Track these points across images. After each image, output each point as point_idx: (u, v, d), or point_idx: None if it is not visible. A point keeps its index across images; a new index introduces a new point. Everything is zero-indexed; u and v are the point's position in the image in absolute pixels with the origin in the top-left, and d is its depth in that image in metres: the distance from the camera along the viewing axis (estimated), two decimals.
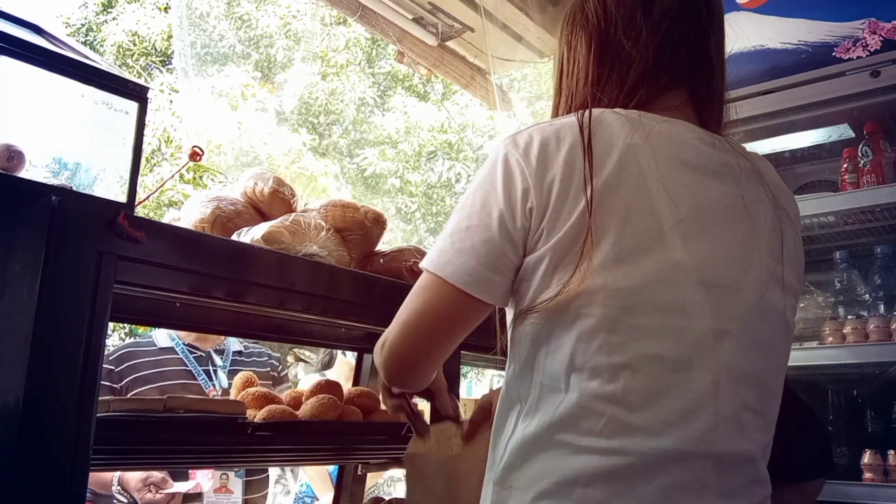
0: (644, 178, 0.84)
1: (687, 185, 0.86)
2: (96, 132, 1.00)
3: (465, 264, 0.83)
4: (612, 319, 0.80)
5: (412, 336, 0.88)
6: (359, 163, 9.88)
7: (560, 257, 0.81)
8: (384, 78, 10.71)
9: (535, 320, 0.84)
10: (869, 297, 2.05)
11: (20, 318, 0.87)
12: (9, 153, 1.01)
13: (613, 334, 0.80)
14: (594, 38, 0.94)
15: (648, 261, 0.81)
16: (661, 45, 0.91)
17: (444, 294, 0.85)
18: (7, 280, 0.92)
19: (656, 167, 0.85)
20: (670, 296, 0.81)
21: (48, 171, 0.99)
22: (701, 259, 0.84)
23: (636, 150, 0.85)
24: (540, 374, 0.83)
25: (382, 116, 10.18)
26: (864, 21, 2.00)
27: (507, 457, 0.83)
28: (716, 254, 0.85)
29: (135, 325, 4.78)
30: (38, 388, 0.84)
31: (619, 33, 0.92)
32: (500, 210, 0.84)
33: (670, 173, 0.85)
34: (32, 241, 0.90)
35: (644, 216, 0.83)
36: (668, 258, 0.82)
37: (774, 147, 2.37)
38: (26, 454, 0.83)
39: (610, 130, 0.86)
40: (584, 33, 0.95)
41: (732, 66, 2.18)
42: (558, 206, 0.82)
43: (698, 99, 0.97)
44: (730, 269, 0.86)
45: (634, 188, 0.83)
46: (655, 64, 0.91)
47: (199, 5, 8.19)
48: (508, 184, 0.84)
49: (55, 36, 1.04)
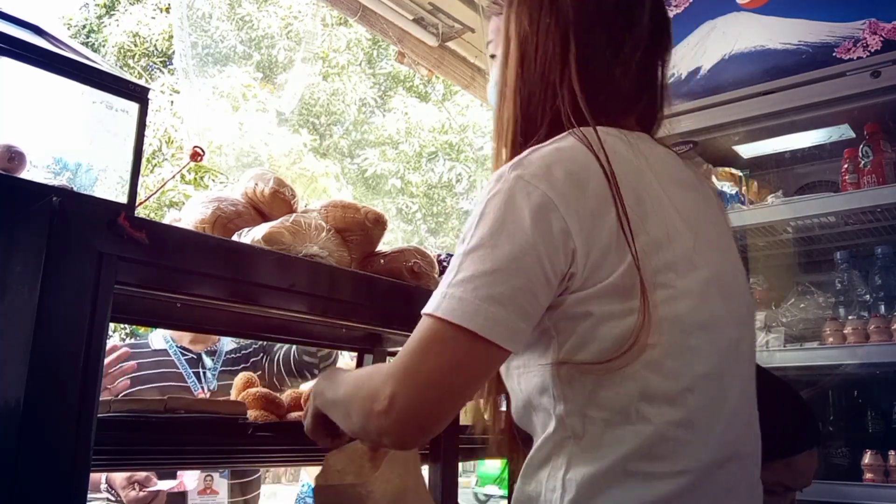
0: (660, 202, 0.84)
1: (684, 201, 0.88)
2: (97, 133, 1.00)
3: (496, 315, 0.75)
4: (673, 345, 0.80)
5: (435, 396, 0.77)
6: (359, 163, 9.88)
7: (610, 301, 0.78)
8: (385, 78, 10.71)
9: (588, 359, 0.80)
10: (869, 297, 2.05)
11: (21, 318, 0.87)
12: (9, 154, 1.01)
13: (675, 360, 0.80)
14: (572, 38, 0.88)
15: (689, 282, 0.82)
16: (637, 70, 0.90)
17: (471, 348, 0.76)
18: (7, 281, 0.92)
19: (661, 188, 0.85)
20: (707, 312, 0.83)
21: (49, 171, 0.99)
22: (715, 271, 0.86)
23: (643, 172, 0.85)
24: (597, 408, 0.80)
25: (383, 117, 10.18)
26: (865, 21, 2.00)
27: (573, 494, 0.79)
28: (722, 263, 0.88)
29: (135, 326, 4.78)
30: (38, 388, 0.84)
31: (602, 41, 0.89)
32: (537, 253, 0.76)
33: (672, 191, 0.87)
34: (33, 241, 0.90)
35: (676, 240, 0.83)
36: (700, 277, 0.83)
37: (775, 147, 2.38)
38: (26, 454, 0.83)
39: (618, 153, 0.83)
40: (556, 28, 0.89)
41: (732, 66, 2.20)
42: (601, 244, 0.78)
43: (646, 121, 0.95)
44: (732, 275, 0.90)
45: (660, 213, 0.83)
46: (626, 89, 0.90)
47: (201, 6, 8.20)
48: (541, 221, 0.77)
49: (56, 37, 1.04)
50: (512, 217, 0.78)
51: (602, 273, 0.78)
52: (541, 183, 0.78)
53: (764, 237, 2.29)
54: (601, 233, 0.78)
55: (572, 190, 0.79)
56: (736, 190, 2.29)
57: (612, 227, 0.78)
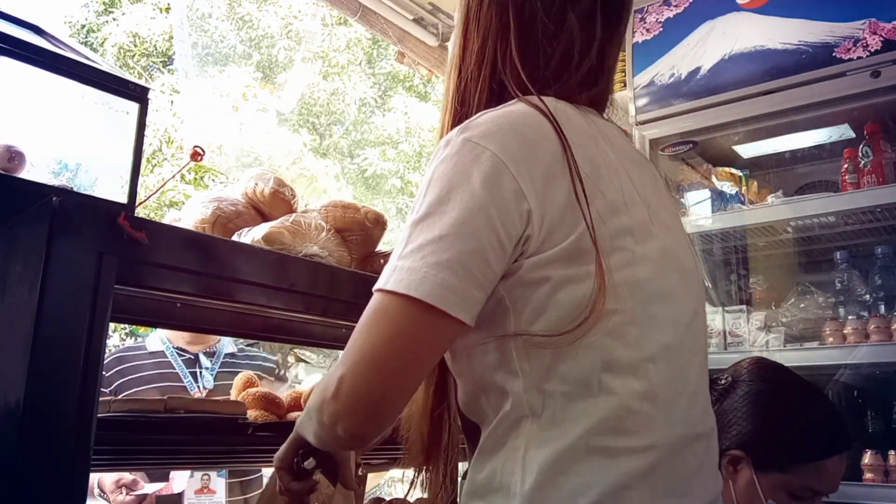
0: (615, 170, 0.82)
1: (638, 174, 0.86)
2: (97, 133, 1.00)
3: (445, 281, 0.71)
4: (634, 312, 0.77)
5: (384, 374, 0.72)
6: (359, 163, 9.87)
7: (567, 265, 0.75)
8: (385, 78, 10.71)
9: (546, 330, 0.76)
10: (869, 297, 2.05)
11: (21, 318, 0.87)
12: (9, 154, 1.01)
13: (637, 327, 0.77)
14: (511, 13, 0.87)
15: (647, 249, 0.80)
16: (582, 48, 0.87)
17: (420, 319, 0.72)
18: (8, 281, 0.92)
19: (615, 157, 0.83)
20: (665, 282, 0.81)
21: (49, 171, 0.99)
22: (669, 245, 0.84)
23: (597, 139, 0.82)
24: (556, 382, 0.75)
25: (383, 117, 10.18)
26: (865, 21, 2.00)
27: (535, 475, 0.74)
28: (674, 239, 0.86)
29: (135, 326, 4.79)
30: (38, 388, 0.84)
31: (543, 17, 0.86)
32: (488, 215, 0.73)
33: (626, 164, 0.84)
34: (33, 241, 0.90)
35: (633, 207, 0.81)
36: (657, 245, 0.81)
37: (775, 147, 2.38)
38: (26, 454, 0.83)
39: (570, 119, 0.81)
40: (496, 3, 0.88)
41: (732, 65, 2.20)
42: (556, 205, 0.75)
43: (596, 99, 0.92)
44: (684, 253, 0.88)
45: (615, 179, 0.80)
46: (575, 65, 0.87)
47: (201, 6, 8.20)
48: (491, 183, 0.74)
49: (56, 36, 1.04)
50: (460, 180, 0.74)
51: (558, 235, 0.75)
52: (490, 144, 0.76)
53: (764, 237, 2.29)
54: (556, 194, 0.75)
55: (523, 151, 0.76)
56: (736, 190, 2.29)
57: (566, 189, 0.76)
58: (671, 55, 2.34)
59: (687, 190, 2.33)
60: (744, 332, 2.10)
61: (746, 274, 2.41)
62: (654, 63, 2.37)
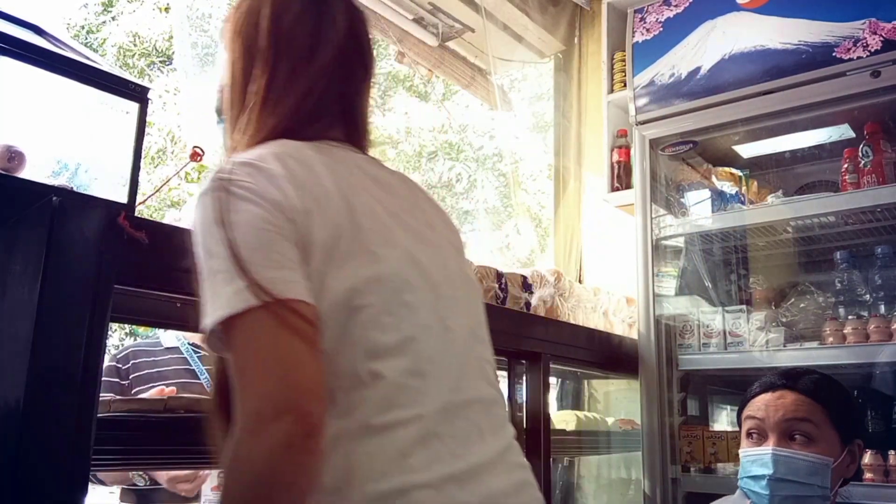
0: (353, 187, 0.91)
1: (385, 196, 0.96)
2: (97, 132, 1.00)
3: (274, 277, 0.78)
4: (386, 302, 0.86)
5: (290, 383, 0.75)
6: None
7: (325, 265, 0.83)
8: (385, 78, 10.71)
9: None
10: (869, 297, 2.05)
11: (21, 318, 0.87)
12: (9, 154, 1.01)
13: (391, 315, 0.86)
14: (270, 67, 0.97)
15: (395, 249, 0.90)
16: (322, 94, 0.98)
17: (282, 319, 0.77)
18: (8, 280, 0.92)
19: (355, 179, 0.93)
20: (418, 274, 0.91)
21: (49, 171, 0.99)
22: (416, 243, 0.94)
23: (331, 167, 0.91)
24: (335, 378, 0.81)
25: (383, 117, 10.18)
26: (865, 21, 2.00)
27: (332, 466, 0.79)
28: (420, 236, 0.96)
29: (135, 326, 4.79)
30: (38, 388, 0.84)
31: (290, 70, 0.97)
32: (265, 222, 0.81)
33: (370, 186, 0.95)
34: (33, 241, 0.90)
35: (371, 217, 0.90)
36: (404, 245, 0.92)
37: (775, 147, 2.38)
38: (26, 454, 0.83)
39: (304, 154, 0.90)
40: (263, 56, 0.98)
41: (732, 66, 2.20)
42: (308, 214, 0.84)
43: (351, 136, 1.03)
44: (443, 247, 1.00)
45: (350, 197, 0.89)
46: (316, 111, 0.98)
47: (201, 6, 8.20)
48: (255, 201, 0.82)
49: (56, 36, 1.04)
50: (229, 208, 0.81)
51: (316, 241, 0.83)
52: (241, 172, 0.84)
53: (764, 237, 2.29)
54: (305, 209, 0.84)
55: (273, 174, 0.85)
56: (736, 190, 2.29)
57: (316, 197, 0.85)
58: (671, 55, 2.34)
59: (687, 190, 2.33)
60: (744, 332, 2.10)
61: (746, 274, 2.41)
62: (654, 63, 2.37)
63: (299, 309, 0.79)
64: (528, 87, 4.98)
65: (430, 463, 0.82)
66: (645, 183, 2.28)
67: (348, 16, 1.03)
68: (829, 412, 1.39)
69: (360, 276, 0.85)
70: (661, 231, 2.26)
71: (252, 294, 0.77)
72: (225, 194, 0.82)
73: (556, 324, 1.97)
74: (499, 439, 0.92)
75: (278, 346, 0.77)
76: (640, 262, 2.23)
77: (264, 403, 0.73)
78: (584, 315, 2.20)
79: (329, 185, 0.88)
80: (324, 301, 0.82)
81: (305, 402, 0.75)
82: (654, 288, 2.20)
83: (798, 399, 1.40)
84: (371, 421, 0.82)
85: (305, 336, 0.78)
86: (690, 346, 2.17)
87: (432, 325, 0.90)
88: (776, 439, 1.39)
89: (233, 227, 0.80)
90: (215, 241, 0.81)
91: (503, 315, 1.75)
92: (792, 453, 1.37)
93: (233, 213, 0.81)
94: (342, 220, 0.87)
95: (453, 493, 0.82)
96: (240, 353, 0.77)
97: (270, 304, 0.77)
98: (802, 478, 1.36)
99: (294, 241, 0.82)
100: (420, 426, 0.83)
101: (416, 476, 0.81)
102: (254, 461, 0.72)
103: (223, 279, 0.78)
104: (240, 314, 0.76)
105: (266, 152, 0.88)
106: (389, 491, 0.79)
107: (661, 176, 2.36)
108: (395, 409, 0.83)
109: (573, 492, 2.56)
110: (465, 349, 0.94)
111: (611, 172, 2.60)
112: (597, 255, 2.89)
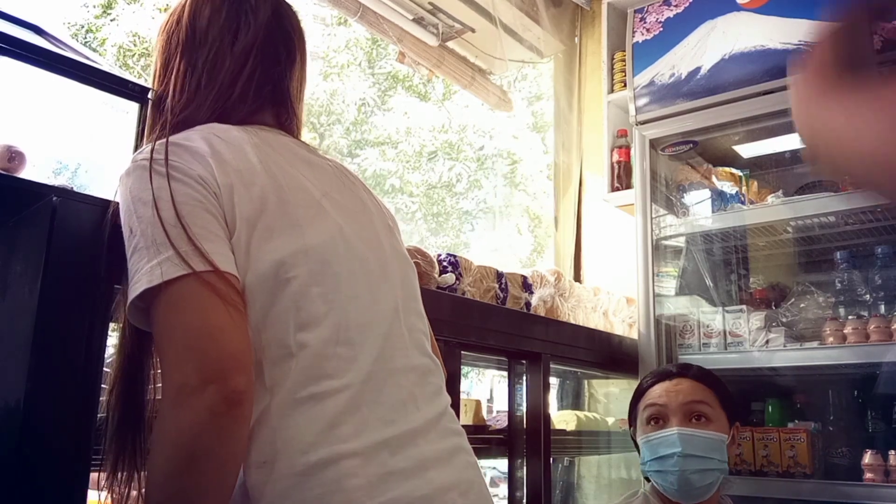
0: (281, 166, 0.93)
1: (312, 173, 0.98)
2: (97, 133, 1.00)
3: (198, 249, 0.79)
4: (313, 274, 0.87)
5: (215, 353, 0.76)
6: (359, 163, 9.87)
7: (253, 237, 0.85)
8: (385, 78, 10.72)
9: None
10: (869, 297, 2.05)
11: (21, 318, 0.87)
12: (10, 153, 1.01)
13: (319, 286, 0.87)
14: (190, 55, 1.00)
15: (323, 223, 0.91)
16: (247, 77, 1.00)
17: (206, 288, 0.78)
18: (8, 280, 0.92)
19: (284, 159, 0.95)
20: (346, 248, 0.92)
21: (49, 171, 0.99)
22: (345, 218, 0.96)
23: (259, 147, 0.93)
24: (263, 350, 0.83)
25: (383, 117, 10.18)
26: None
27: (262, 438, 0.80)
28: (350, 212, 0.98)
29: None
30: (38, 388, 0.84)
31: (211, 56, 1.00)
32: (191, 199, 0.82)
33: (298, 165, 0.96)
34: (33, 241, 0.90)
35: (299, 193, 0.91)
36: (333, 219, 0.93)
37: (775, 147, 2.38)
38: (27, 454, 0.83)
39: (231, 134, 0.92)
40: (182, 48, 1.01)
41: (732, 66, 2.20)
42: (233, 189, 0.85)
43: (282, 120, 1.06)
44: (359, 221, 0.99)
45: (278, 174, 0.91)
46: (242, 94, 0.99)
47: None
48: (181, 178, 0.84)
49: (56, 37, 1.04)
50: (150, 185, 0.83)
51: (240, 215, 0.85)
52: (163, 151, 0.85)
53: (764, 237, 2.29)
54: (230, 187, 0.85)
55: (197, 150, 0.87)
56: (736, 190, 2.29)
57: (239, 171, 0.87)
58: (671, 55, 2.34)
59: (687, 190, 2.33)
60: (744, 332, 2.10)
61: (746, 274, 2.41)
62: (654, 63, 2.37)
63: (224, 278, 0.80)
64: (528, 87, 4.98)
65: (359, 431, 0.82)
66: (645, 183, 2.28)
67: (271, 3, 1.06)
68: (718, 396, 1.59)
69: (287, 248, 0.86)
70: (662, 231, 2.26)
71: (176, 265, 0.78)
72: (146, 172, 0.84)
73: (556, 324, 1.97)
74: (433, 406, 0.93)
75: (202, 315, 0.78)
76: (641, 262, 2.23)
77: (189, 374, 0.74)
78: (584, 315, 2.20)
79: (255, 161, 0.90)
80: (250, 274, 0.84)
81: (230, 371, 0.75)
82: (654, 288, 2.20)
83: (693, 385, 1.59)
84: (298, 393, 0.82)
85: (230, 303, 0.79)
86: (690, 346, 2.17)
87: (360, 294, 0.91)
88: (679, 420, 1.55)
89: (156, 203, 0.81)
90: (138, 218, 0.82)
91: (503, 315, 1.75)
92: (695, 431, 1.53)
93: (155, 189, 0.82)
94: (268, 195, 0.88)
95: (384, 459, 0.83)
96: (163, 324, 0.78)
97: (194, 274, 0.78)
98: (706, 452, 1.51)
99: (218, 215, 0.84)
100: (348, 395, 0.84)
101: (345, 445, 0.81)
102: (180, 432, 0.73)
103: (147, 254, 0.80)
104: (164, 284, 0.78)
105: (192, 133, 0.91)
106: (318, 462, 0.79)
107: (662, 176, 2.36)
108: (323, 380, 0.83)
109: (573, 492, 2.56)
110: (395, 319, 0.94)
111: (611, 172, 2.60)
112: (597, 255, 2.89)
